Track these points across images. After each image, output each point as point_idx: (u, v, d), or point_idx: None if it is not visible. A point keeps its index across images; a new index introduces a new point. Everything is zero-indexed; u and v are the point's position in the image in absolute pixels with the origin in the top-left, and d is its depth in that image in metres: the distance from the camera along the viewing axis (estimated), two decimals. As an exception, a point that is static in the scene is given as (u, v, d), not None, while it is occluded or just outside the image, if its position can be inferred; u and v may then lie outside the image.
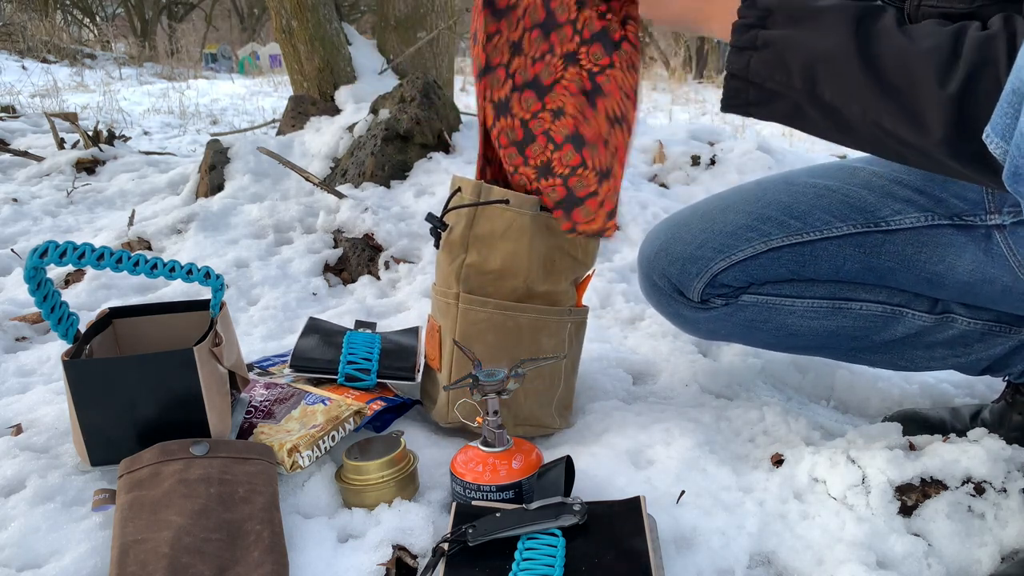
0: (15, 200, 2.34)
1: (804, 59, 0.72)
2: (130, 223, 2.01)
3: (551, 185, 0.97)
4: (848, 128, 0.73)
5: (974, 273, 0.94)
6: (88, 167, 2.70)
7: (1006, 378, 1.09)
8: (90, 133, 2.93)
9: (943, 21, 0.69)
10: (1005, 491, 0.88)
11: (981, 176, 0.69)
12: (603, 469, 0.96)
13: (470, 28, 0.95)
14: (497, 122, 0.97)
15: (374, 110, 2.27)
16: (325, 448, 0.93)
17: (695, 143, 2.54)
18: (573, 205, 0.97)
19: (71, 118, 3.14)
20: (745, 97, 0.77)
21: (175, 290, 1.64)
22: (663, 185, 2.37)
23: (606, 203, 0.97)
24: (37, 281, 0.88)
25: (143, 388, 0.88)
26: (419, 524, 0.85)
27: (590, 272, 1.10)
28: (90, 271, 1.71)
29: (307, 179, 2.10)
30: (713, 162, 2.46)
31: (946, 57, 0.66)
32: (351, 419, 0.97)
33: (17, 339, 1.46)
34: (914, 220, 0.97)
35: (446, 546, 0.76)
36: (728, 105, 0.78)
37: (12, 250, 1.92)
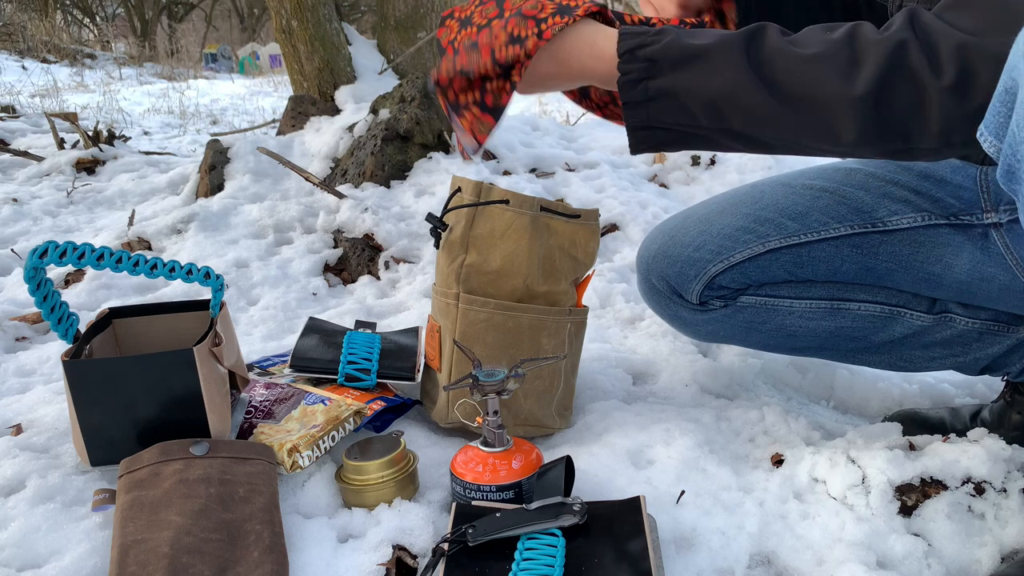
0: (15, 200, 2.34)
1: (704, 100, 0.72)
2: (130, 223, 2.01)
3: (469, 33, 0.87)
4: (768, 147, 0.75)
5: (972, 272, 0.94)
6: (88, 167, 2.70)
7: (1005, 377, 1.09)
8: (90, 133, 2.93)
9: (829, 25, 0.71)
10: (1005, 491, 0.88)
11: (907, 160, 0.72)
12: (603, 469, 0.96)
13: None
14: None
15: (374, 110, 2.27)
16: (325, 448, 0.93)
17: (695, 143, 2.53)
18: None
19: (71, 118, 3.14)
20: (655, 140, 0.77)
21: (175, 290, 1.64)
22: (663, 185, 2.37)
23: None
24: (37, 281, 0.88)
25: (143, 388, 0.88)
26: (419, 524, 0.85)
27: (590, 272, 1.10)
28: (90, 271, 1.71)
29: (307, 179, 2.10)
30: (713, 162, 2.46)
31: (845, 60, 0.67)
32: (351, 419, 0.97)
33: (17, 339, 1.46)
34: (911, 220, 0.97)
35: (446, 546, 0.76)
36: (638, 150, 0.78)
37: (12, 250, 1.92)
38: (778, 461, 0.99)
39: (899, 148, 0.69)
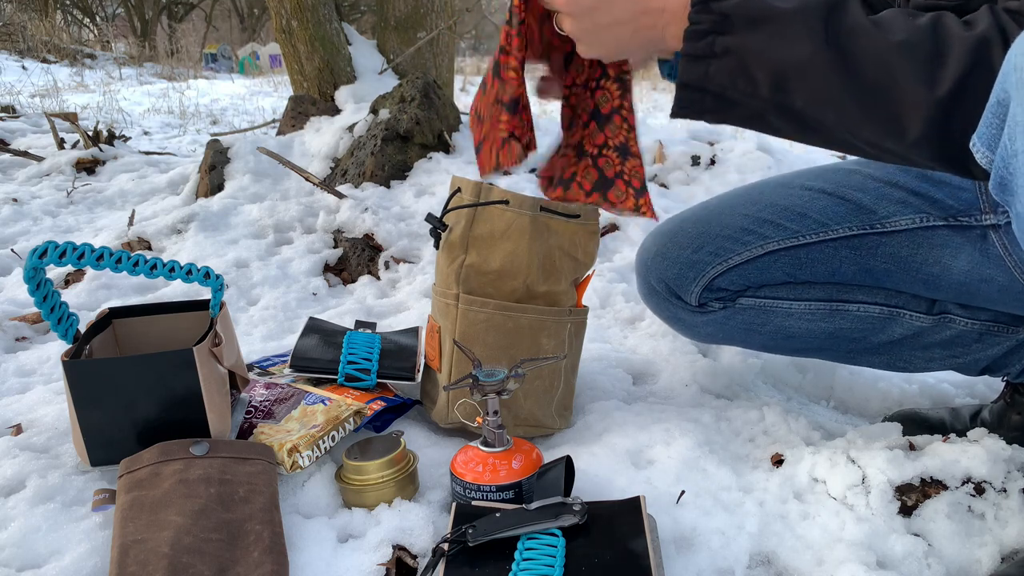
0: (15, 200, 2.34)
1: (772, 68, 0.67)
2: (130, 223, 2.01)
3: (586, 167, 0.98)
4: (816, 133, 0.70)
5: (970, 273, 0.94)
6: (88, 167, 2.70)
7: (1004, 378, 1.09)
8: (90, 133, 2.93)
9: (913, 11, 0.66)
10: (1005, 491, 0.88)
11: (954, 173, 0.68)
12: (603, 469, 0.96)
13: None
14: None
15: (374, 110, 2.27)
16: (325, 448, 0.93)
17: (695, 143, 2.54)
18: (607, 186, 0.97)
19: (71, 118, 3.14)
20: (700, 106, 0.72)
21: (175, 290, 1.64)
22: (663, 185, 2.37)
23: (633, 181, 0.96)
24: (37, 281, 0.88)
25: (143, 388, 0.88)
26: (419, 524, 0.85)
27: (590, 272, 1.10)
28: (90, 271, 1.71)
29: (307, 179, 2.10)
30: (713, 162, 2.46)
31: (929, 56, 0.62)
32: (351, 419, 0.97)
33: (17, 339, 1.46)
34: (909, 222, 0.97)
35: (446, 546, 0.76)
36: (679, 113, 0.73)
37: (12, 250, 1.92)
38: (778, 461, 0.99)
39: (956, 154, 0.65)
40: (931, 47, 0.62)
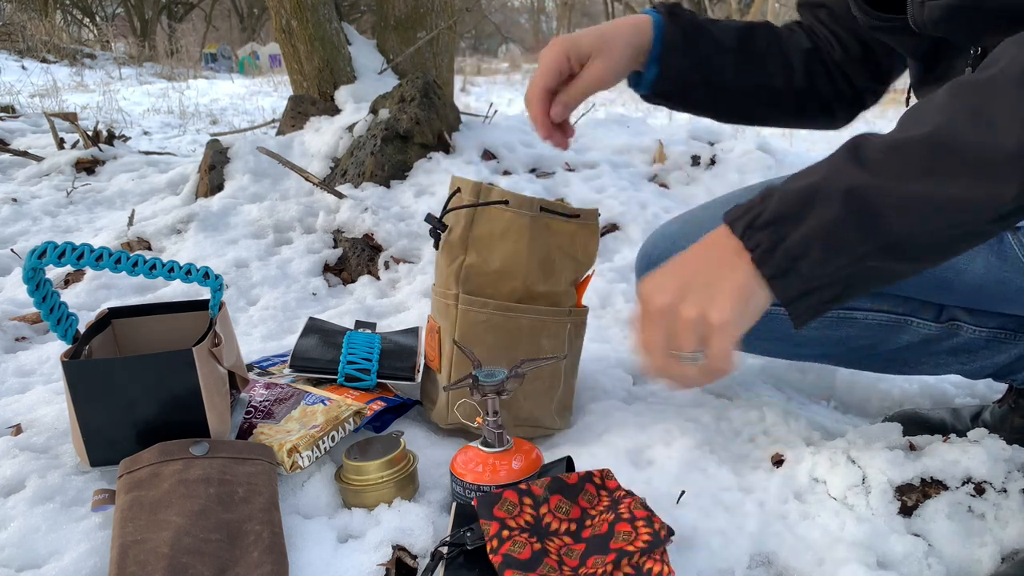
0: (15, 200, 2.34)
1: (844, 225, 0.61)
2: (130, 223, 2.01)
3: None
4: (936, 239, 0.64)
5: (986, 276, 0.93)
6: (88, 167, 2.70)
7: (1010, 381, 1.08)
8: (90, 133, 2.93)
9: (927, 97, 0.64)
10: (1005, 491, 0.87)
11: None
12: (603, 469, 0.96)
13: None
14: None
15: (374, 110, 2.27)
16: (325, 448, 0.93)
17: (695, 143, 2.54)
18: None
19: (71, 118, 3.14)
20: (819, 301, 0.66)
21: (175, 290, 1.64)
22: (663, 185, 2.37)
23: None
24: (36, 282, 0.88)
25: (143, 388, 0.88)
26: (419, 524, 0.85)
27: (590, 273, 1.10)
28: (89, 271, 1.71)
29: (307, 179, 2.10)
30: (713, 162, 2.46)
31: (968, 117, 0.59)
32: (351, 419, 0.97)
33: (17, 339, 1.46)
34: None
35: (445, 549, 0.76)
36: (803, 322, 0.67)
37: (12, 250, 1.92)
38: (778, 461, 0.99)
39: None
40: (967, 111, 0.59)
